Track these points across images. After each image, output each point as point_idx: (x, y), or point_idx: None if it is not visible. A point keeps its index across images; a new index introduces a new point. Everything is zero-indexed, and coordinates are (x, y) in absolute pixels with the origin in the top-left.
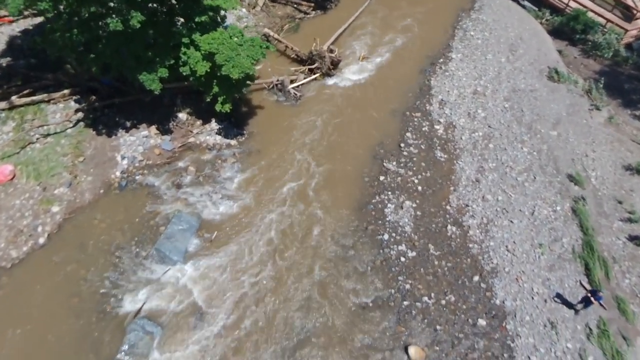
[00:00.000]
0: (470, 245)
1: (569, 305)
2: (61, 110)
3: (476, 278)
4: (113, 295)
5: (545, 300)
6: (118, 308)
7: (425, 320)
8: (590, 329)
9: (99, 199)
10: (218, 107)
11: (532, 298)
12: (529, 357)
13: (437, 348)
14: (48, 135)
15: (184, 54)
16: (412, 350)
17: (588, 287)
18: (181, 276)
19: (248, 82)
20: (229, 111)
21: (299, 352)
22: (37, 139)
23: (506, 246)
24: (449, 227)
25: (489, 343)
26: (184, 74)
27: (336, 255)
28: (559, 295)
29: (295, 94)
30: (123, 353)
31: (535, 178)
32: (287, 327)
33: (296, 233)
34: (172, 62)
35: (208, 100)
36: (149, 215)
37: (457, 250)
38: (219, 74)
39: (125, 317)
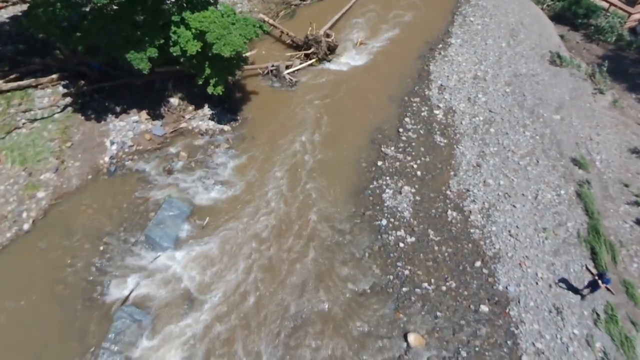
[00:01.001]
0: (472, 231)
1: (575, 291)
2: (49, 95)
3: (478, 263)
4: (100, 283)
5: (550, 286)
6: (105, 295)
7: (425, 307)
8: (598, 315)
9: (86, 185)
10: (210, 90)
11: (537, 283)
12: (533, 344)
13: (438, 335)
14: (35, 120)
15: (174, 33)
16: (411, 337)
17: (594, 271)
18: (171, 263)
19: (241, 63)
20: (221, 93)
21: (293, 339)
22: (24, 123)
23: (509, 231)
24: (449, 212)
25: (492, 330)
26: (175, 54)
27: (333, 241)
28: (564, 280)
29: (291, 80)
30: (109, 342)
31: (538, 162)
32: (281, 314)
33: (291, 219)
34: (162, 41)
35: (200, 82)
36: (138, 201)
37: (457, 236)
38: (210, 54)
39: (112, 304)
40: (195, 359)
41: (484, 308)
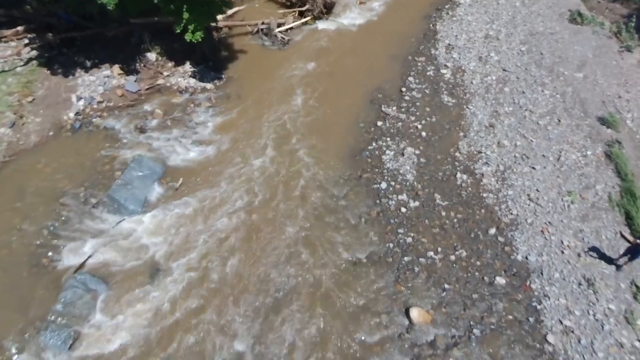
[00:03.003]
0: (485, 195)
1: (609, 260)
2: (12, 48)
3: (492, 231)
4: (52, 248)
5: (579, 255)
6: (56, 262)
7: (431, 279)
8: (638, 287)
9: (46, 142)
10: (189, 37)
11: (562, 252)
12: (560, 321)
13: (446, 310)
14: None
15: None
16: (414, 312)
17: (631, 238)
18: (137, 227)
19: (223, 7)
20: (200, 40)
21: (275, 313)
22: None
23: (528, 195)
24: (458, 175)
25: (510, 305)
26: None
27: (325, 206)
28: (595, 249)
29: (283, 38)
30: (55, 313)
31: (559, 121)
32: (262, 286)
33: (277, 182)
34: None
35: (178, 30)
36: (104, 160)
37: (468, 200)
38: None
39: (64, 272)
40: (157, 334)
41: (500, 280)
